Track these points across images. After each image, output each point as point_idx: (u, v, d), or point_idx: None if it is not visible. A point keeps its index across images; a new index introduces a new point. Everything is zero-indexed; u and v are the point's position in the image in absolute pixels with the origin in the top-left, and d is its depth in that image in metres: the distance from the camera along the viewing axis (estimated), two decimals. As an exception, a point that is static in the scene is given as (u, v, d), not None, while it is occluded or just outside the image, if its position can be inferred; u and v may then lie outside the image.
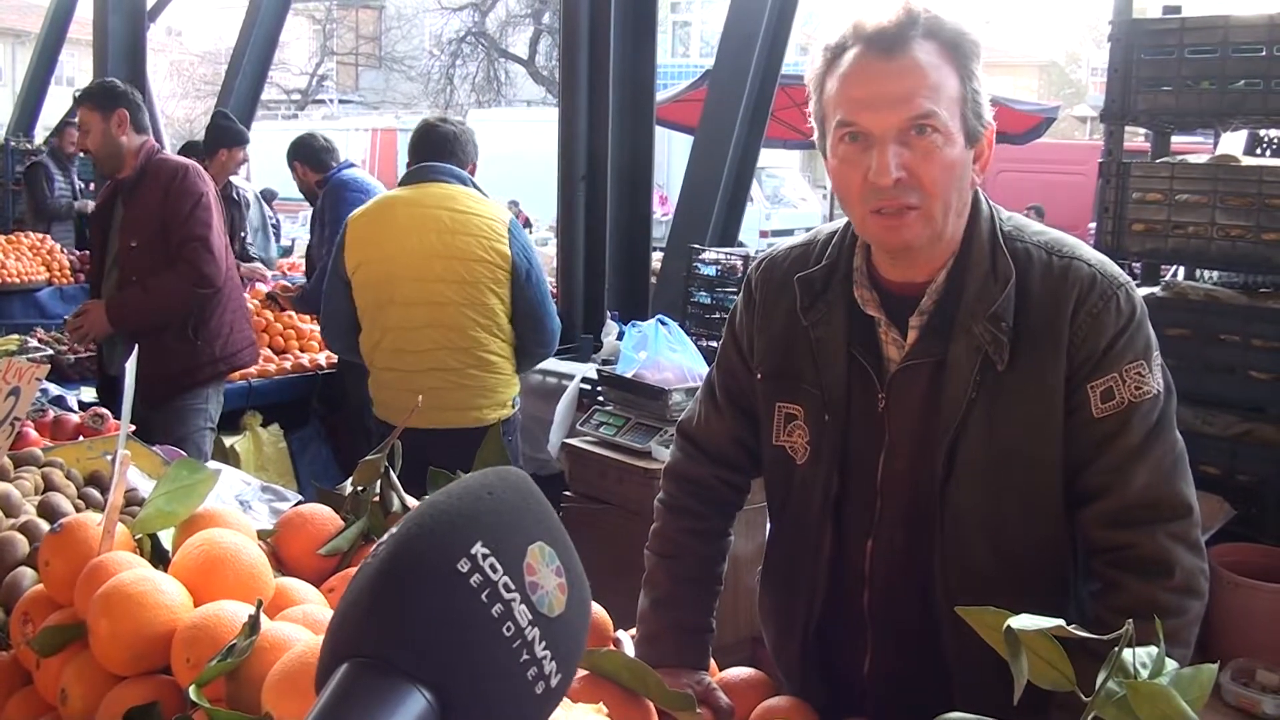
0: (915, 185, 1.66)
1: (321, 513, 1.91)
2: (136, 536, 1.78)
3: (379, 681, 0.76)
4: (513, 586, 0.79)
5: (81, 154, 4.70)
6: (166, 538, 1.79)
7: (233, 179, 7.31)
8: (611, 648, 1.73)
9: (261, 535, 1.87)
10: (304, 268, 7.15)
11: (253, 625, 1.41)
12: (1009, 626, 0.99)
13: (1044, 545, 1.82)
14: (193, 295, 4.71)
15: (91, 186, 10.20)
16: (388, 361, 4.23)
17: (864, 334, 1.84)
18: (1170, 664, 1.01)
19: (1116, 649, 0.99)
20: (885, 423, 1.83)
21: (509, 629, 0.78)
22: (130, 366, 1.88)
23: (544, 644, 0.80)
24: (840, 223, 1.94)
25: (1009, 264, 1.76)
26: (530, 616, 0.79)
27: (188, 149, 8.67)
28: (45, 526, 2.12)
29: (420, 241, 4.15)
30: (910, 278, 1.81)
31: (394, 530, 0.81)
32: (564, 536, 0.86)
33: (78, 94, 4.82)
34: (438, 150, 4.36)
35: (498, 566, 0.79)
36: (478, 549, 0.79)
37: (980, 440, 1.75)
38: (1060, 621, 1.00)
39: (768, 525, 2.11)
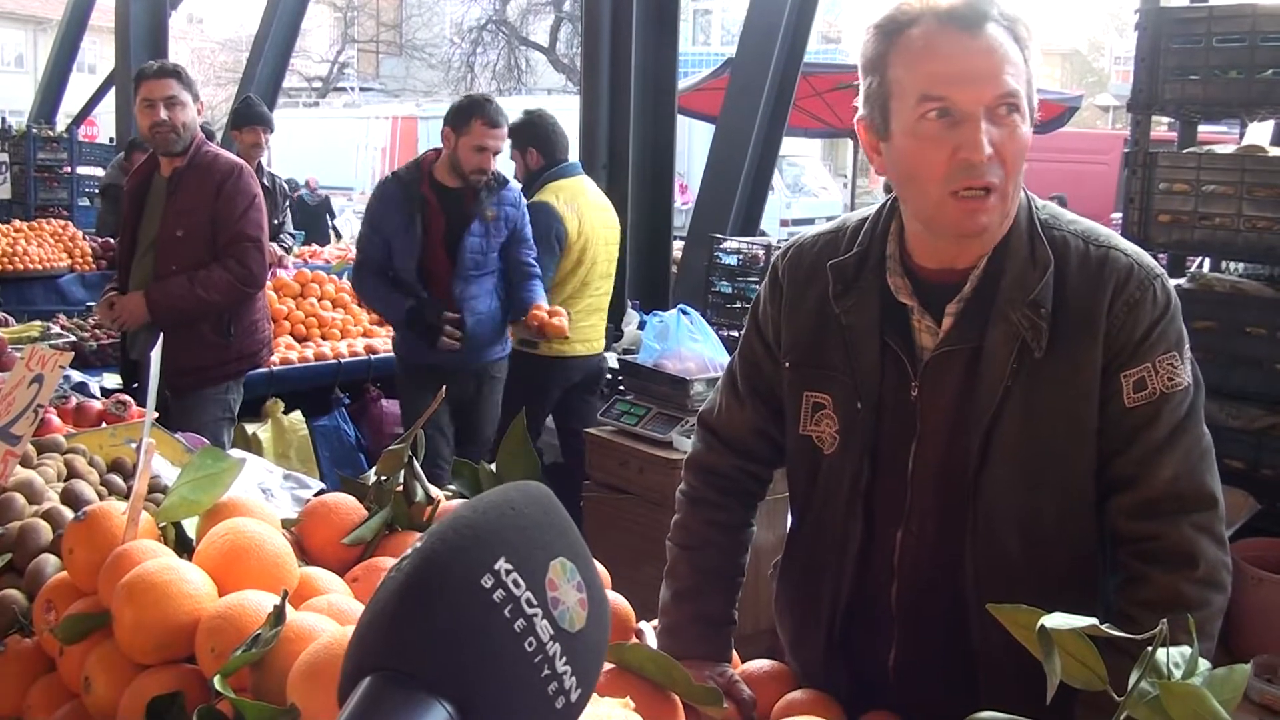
0: (1000, 164, 1.65)
1: (345, 502, 1.91)
2: (161, 525, 1.78)
3: (402, 694, 0.77)
4: (535, 602, 0.80)
5: (156, 127, 4.62)
6: (191, 526, 1.79)
7: (264, 164, 7.30)
8: (636, 641, 1.72)
9: (285, 524, 1.87)
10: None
11: (278, 615, 1.40)
12: (1042, 626, 0.98)
13: (1075, 538, 1.81)
14: (239, 293, 4.76)
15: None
16: (574, 307, 5.34)
17: (897, 322, 1.83)
18: (1203, 664, 1.00)
19: (1150, 648, 0.98)
20: (918, 411, 1.81)
21: (531, 644, 0.79)
22: (155, 354, 1.88)
23: (565, 659, 0.81)
24: (869, 210, 1.92)
25: (1047, 251, 1.75)
26: (552, 632, 0.81)
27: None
28: (68, 514, 2.13)
29: (603, 217, 5.56)
30: (949, 264, 1.79)
31: (418, 544, 0.82)
32: (585, 551, 0.87)
33: (152, 69, 4.77)
34: (568, 149, 5.63)
35: (520, 582, 0.80)
36: (501, 564, 0.80)
37: (1016, 428, 1.74)
38: (1094, 620, 0.99)
39: (789, 517, 2.11)
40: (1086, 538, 1.82)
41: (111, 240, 9.00)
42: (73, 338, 6.06)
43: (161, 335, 2.08)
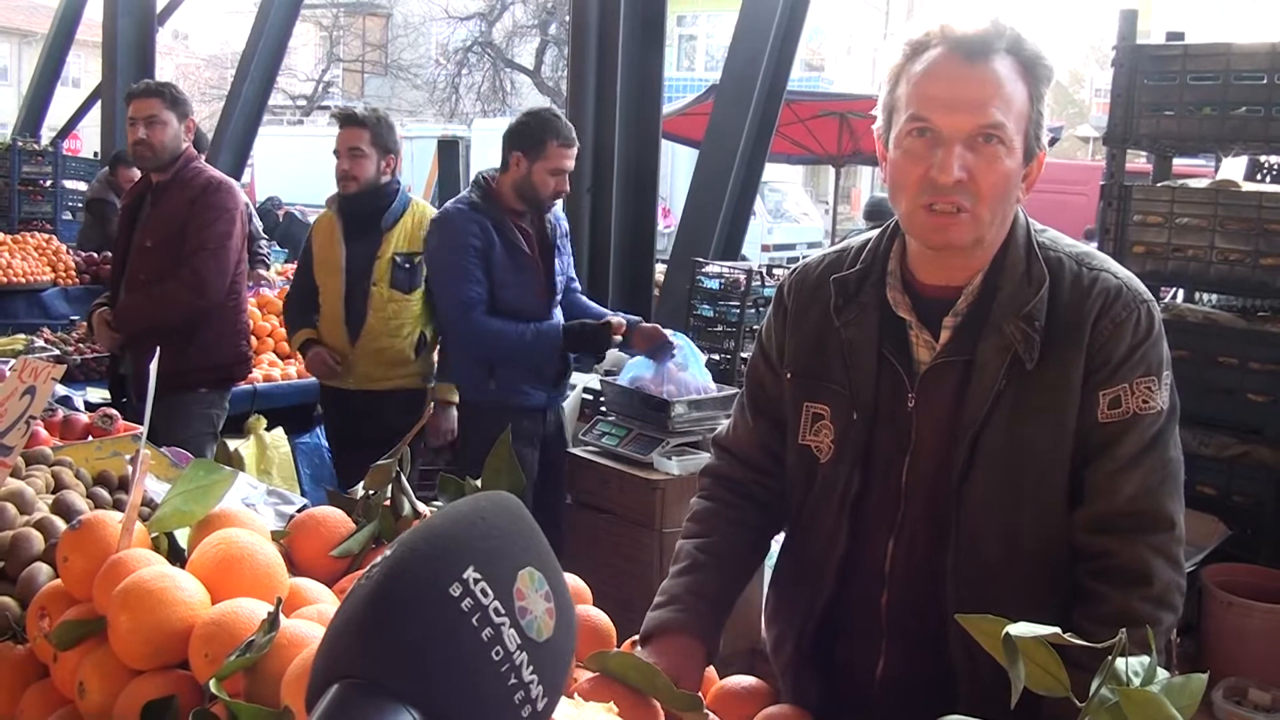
0: (973, 189, 1.73)
1: (334, 515, 1.94)
2: (153, 535, 1.81)
3: (369, 702, 0.78)
4: (503, 611, 0.81)
5: (136, 145, 4.71)
6: (182, 536, 1.82)
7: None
8: (620, 649, 1.75)
9: (275, 536, 1.90)
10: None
11: (272, 621, 1.44)
12: (1007, 634, 1.03)
13: (1055, 545, 1.84)
14: (192, 303, 4.72)
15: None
16: None
17: (895, 336, 1.90)
18: (1161, 673, 1.04)
19: (1110, 657, 1.03)
20: (913, 422, 1.87)
21: (498, 653, 0.80)
22: (153, 369, 1.91)
23: (531, 668, 0.82)
24: (873, 232, 2.00)
25: (1043, 269, 1.82)
26: (519, 641, 0.81)
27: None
28: (60, 523, 2.15)
29: None
30: (946, 280, 1.87)
31: (388, 553, 0.83)
32: (553, 561, 0.87)
33: (139, 88, 4.82)
34: None
35: (489, 591, 0.81)
36: (469, 574, 0.81)
37: (1001, 435, 1.79)
38: (1056, 629, 1.03)
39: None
40: (1067, 548, 1.85)
41: (95, 255, 9.00)
42: (56, 351, 6.06)
43: (159, 350, 2.10)
